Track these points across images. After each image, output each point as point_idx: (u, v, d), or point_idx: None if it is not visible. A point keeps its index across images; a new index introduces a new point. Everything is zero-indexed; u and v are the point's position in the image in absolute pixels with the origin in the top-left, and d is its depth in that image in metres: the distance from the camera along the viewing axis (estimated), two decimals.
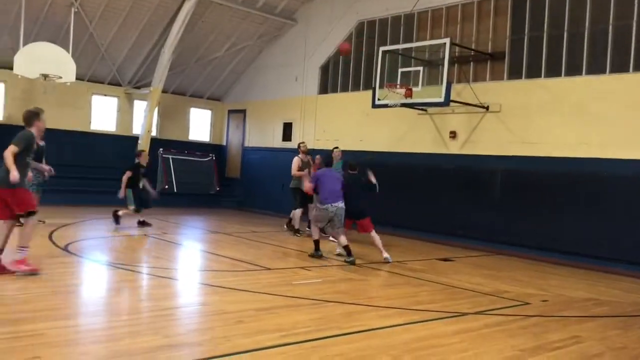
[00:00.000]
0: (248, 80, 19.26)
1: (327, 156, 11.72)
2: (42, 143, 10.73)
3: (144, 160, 11.64)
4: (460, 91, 12.67)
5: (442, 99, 11.76)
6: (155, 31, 16.49)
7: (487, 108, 12.39)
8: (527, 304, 7.02)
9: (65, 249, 8.75)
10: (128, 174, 11.26)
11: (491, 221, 12.01)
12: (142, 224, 11.70)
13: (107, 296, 6.46)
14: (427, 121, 13.61)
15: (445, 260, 10.31)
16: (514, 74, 12.26)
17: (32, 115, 6.90)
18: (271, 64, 18.28)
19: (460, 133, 13.03)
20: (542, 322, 6.13)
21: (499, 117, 12.31)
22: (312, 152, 13.24)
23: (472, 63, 13.05)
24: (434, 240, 12.58)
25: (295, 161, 12.51)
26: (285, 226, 12.75)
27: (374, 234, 9.66)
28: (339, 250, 9.62)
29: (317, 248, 9.49)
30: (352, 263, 8.97)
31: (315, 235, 9.58)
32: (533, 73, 11.95)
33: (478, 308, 6.62)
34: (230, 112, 20.07)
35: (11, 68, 13.74)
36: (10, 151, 6.40)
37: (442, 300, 6.93)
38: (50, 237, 9.62)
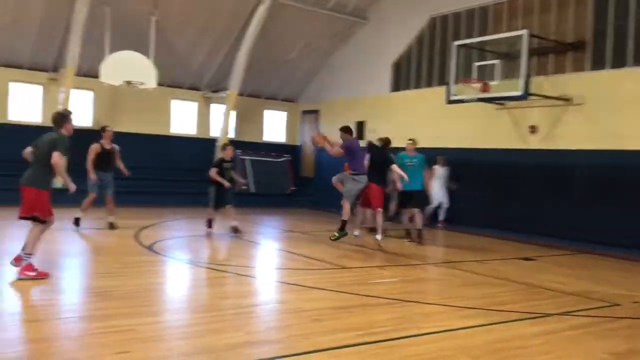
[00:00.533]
0: (321, 80, 19.40)
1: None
2: (112, 146, 11.27)
3: (228, 154, 11.43)
4: (540, 84, 12.22)
5: (520, 93, 11.40)
6: (231, 36, 16.93)
7: (569, 100, 11.88)
8: (617, 305, 6.67)
9: (150, 248, 9.14)
10: (213, 170, 11.08)
11: (574, 219, 11.51)
12: (210, 223, 11.37)
13: (190, 294, 6.70)
14: (505, 116, 13.22)
15: (527, 259, 9.96)
16: (598, 64, 11.69)
17: (61, 118, 6.91)
18: (343, 63, 18.34)
19: (541, 127, 12.57)
20: (634, 324, 5.82)
21: (581, 110, 11.77)
22: None
23: (551, 54, 12.56)
24: (514, 239, 12.18)
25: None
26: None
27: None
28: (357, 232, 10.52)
29: (343, 227, 9.81)
30: (341, 237, 9.69)
31: (347, 215, 9.80)
32: (618, 63, 11.35)
33: (562, 309, 6.36)
34: (304, 112, 20.28)
35: (98, 76, 14.49)
36: (57, 159, 6.45)
37: (524, 301, 6.70)
38: (135, 237, 10.08)
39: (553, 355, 4.64)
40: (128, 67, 14.29)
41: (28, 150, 6.92)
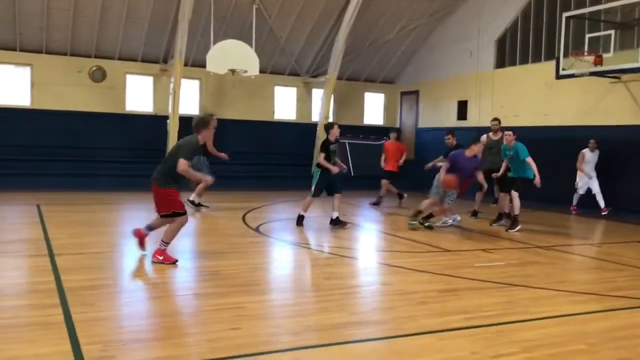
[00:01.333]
0: (420, 60, 19.04)
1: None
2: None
3: (333, 135, 10.54)
4: None
5: (639, 64, 10.57)
6: (329, 20, 17.01)
7: None
8: None
9: (257, 229, 9.47)
10: (322, 156, 10.17)
11: None
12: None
13: (296, 274, 6.88)
14: (622, 90, 12.34)
15: None
16: None
17: (200, 123, 6.82)
18: (444, 42, 17.87)
19: None
20: None
21: None
22: (488, 131, 12.50)
23: None
24: (634, 222, 11.40)
25: (482, 140, 11.34)
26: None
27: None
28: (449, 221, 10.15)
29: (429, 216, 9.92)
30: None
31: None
32: None
33: None
34: (402, 94, 20.03)
35: (204, 66, 15.11)
36: (182, 166, 6.37)
37: None
38: (243, 219, 10.48)
39: None
40: (232, 56, 14.78)
41: None
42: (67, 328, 4.23)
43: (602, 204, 12.23)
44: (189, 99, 17.34)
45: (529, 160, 9.61)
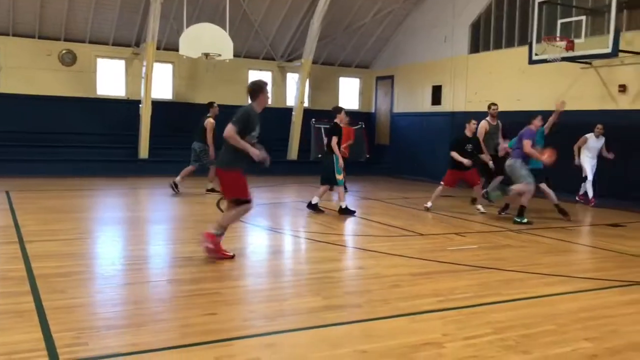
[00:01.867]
0: (395, 45, 19.04)
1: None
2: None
3: (341, 119, 10.39)
4: (631, 40, 11.47)
5: (609, 50, 10.76)
6: (304, 3, 16.89)
7: None
8: None
9: None
10: (334, 140, 9.91)
11: None
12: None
13: (271, 259, 6.88)
14: (593, 75, 12.52)
15: (615, 225, 9.51)
16: None
17: (256, 89, 6.28)
18: (418, 27, 17.89)
19: (631, 86, 11.83)
20: None
21: None
22: (462, 116, 12.69)
23: None
24: (600, 205, 11.64)
25: (482, 125, 11.13)
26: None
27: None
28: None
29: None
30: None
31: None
32: None
33: None
34: (378, 78, 20.04)
35: (177, 50, 14.90)
36: (229, 132, 6.01)
37: (612, 269, 6.43)
38: (217, 205, 10.42)
39: None
40: (205, 39, 14.58)
41: None
42: (38, 316, 4.19)
43: (591, 193, 11.69)
44: (162, 83, 17.11)
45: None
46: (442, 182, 10.47)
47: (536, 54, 12.11)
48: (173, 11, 15.64)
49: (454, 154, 10.14)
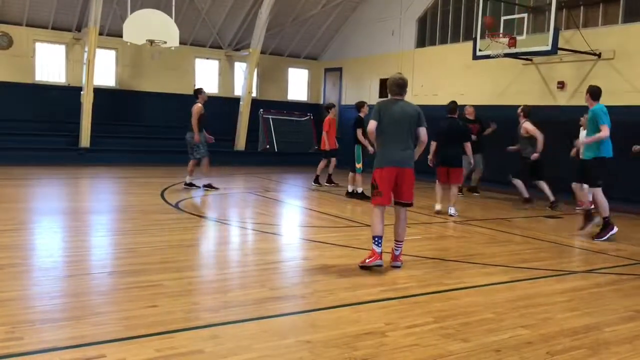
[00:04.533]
0: (344, 37, 19.11)
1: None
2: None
3: (364, 112, 10.94)
4: (569, 38, 11.88)
5: (549, 47, 11.12)
6: None
7: (599, 55, 11.55)
8: None
9: (176, 206, 9.28)
10: (359, 132, 10.26)
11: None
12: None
13: (216, 250, 6.81)
14: (533, 71, 12.93)
15: (552, 217, 9.89)
16: (631, 16, 11.29)
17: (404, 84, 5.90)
18: (367, 20, 18.00)
19: (569, 83, 12.27)
20: None
21: (612, 65, 11.44)
22: None
23: (582, 7, 12.16)
24: (540, 197, 12.05)
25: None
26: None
27: (456, 187, 9.53)
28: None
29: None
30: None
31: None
32: None
33: (588, 266, 6.33)
34: (326, 70, 20.08)
35: (121, 36, 14.47)
36: (424, 136, 5.88)
37: (548, 258, 6.68)
38: (162, 195, 10.23)
39: (578, 313, 4.64)
40: (150, 25, 14.23)
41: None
42: None
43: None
44: (105, 70, 16.61)
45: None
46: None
47: (480, 50, 12.40)
48: None
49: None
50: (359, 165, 10.81)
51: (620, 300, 5.06)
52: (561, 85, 12.39)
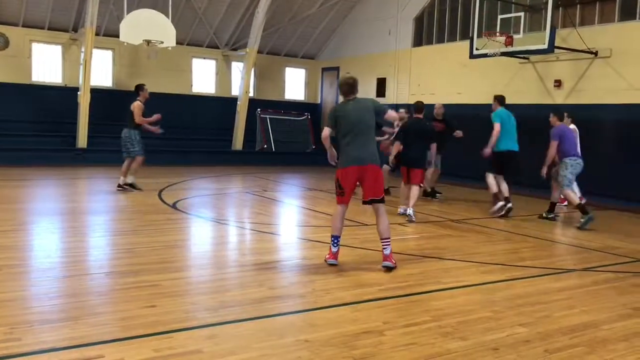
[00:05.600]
0: (341, 37, 19.12)
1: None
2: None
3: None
4: (566, 37, 11.90)
5: (545, 46, 11.12)
6: None
7: (595, 54, 11.57)
8: None
9: (174, 206, 9.27)
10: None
11: (599, 174, 11.34)
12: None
13: (214, 250, 6.81)
14: (530, 70, 12.95)
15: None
16: (627, 15, 11.31)
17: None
18: (364, 19, 18.01)
19: (566, 81, 12.30)
20: None
21: (609, 63, 11.47)
22: (406, 108, 12.75)
23: (578, 5, 12.18)
24: (537, 195, 12.08)
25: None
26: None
27: (416, 187, 9.01)
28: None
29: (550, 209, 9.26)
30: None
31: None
32: None
33: (585, 265, 6.35)
34: (324, 69, 20.08)
35: (117, 36, 14.45)
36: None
37: (546, 257, 6.70)
38: (159, 196, 10.22)
39: (575, 311, 4.66)
40: (147, 25, 14.20)
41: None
42: None
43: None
44: (101, 71, 16.59)
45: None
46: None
47: (477, 49, 12.41)
48: None
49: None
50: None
51: (617, 297, 5.08)
52: (558, 83, 12.41)
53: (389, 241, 5.73)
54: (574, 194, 9.02)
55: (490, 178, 9.63)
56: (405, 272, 5.65)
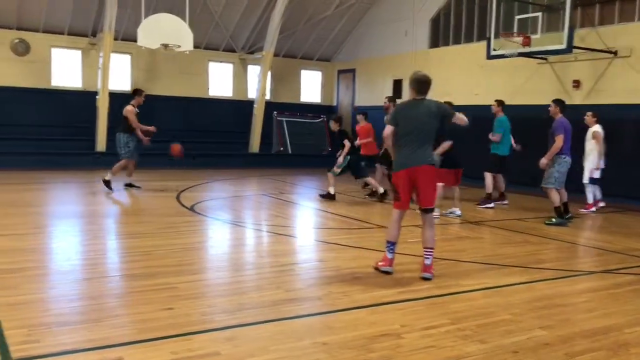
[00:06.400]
0: (356, 38, 19.09)
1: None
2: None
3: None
4: (584, 36, 11.76)
5: (564, 46, 11.01)
6: None
7: (615, 53, 11.42)
8: None
9: (192, 209, 9.31)
10: None
11: (620, 175, 11.18)
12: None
13: (231, 252, 6.82)
14: (548, 71, 12.81)
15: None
16: None
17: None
18: (380, 20, 17.97)
19: (585, 82, 12.15)
20: None
21: (629, 63, 11.31)
22: None
23: (597, 5, 12.03)
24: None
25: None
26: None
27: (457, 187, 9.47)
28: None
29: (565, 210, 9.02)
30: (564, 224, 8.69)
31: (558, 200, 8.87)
32: None
33: (606, 267, 6.25)
34: (339, 72, 20.07)
35: (135, 40, 14.57)
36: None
37: (566, 259, 6.62)
38: (177, 198, 10.28)
39: (596, 313, 4.58)
40: (164, 30, 14.29)
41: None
42: None
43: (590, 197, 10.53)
44: (120, 75, 16.74)
45: None
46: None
47: (494, 49, 12.31)
48: (130, 0, 15.30)
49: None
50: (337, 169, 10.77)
51: (639, 300, 4.99)
52: (576, 84, 12.26)
53: (432, 251, 5.54)
54: (557, 195, 8.92)
55: (489, 178, 10.61)
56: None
